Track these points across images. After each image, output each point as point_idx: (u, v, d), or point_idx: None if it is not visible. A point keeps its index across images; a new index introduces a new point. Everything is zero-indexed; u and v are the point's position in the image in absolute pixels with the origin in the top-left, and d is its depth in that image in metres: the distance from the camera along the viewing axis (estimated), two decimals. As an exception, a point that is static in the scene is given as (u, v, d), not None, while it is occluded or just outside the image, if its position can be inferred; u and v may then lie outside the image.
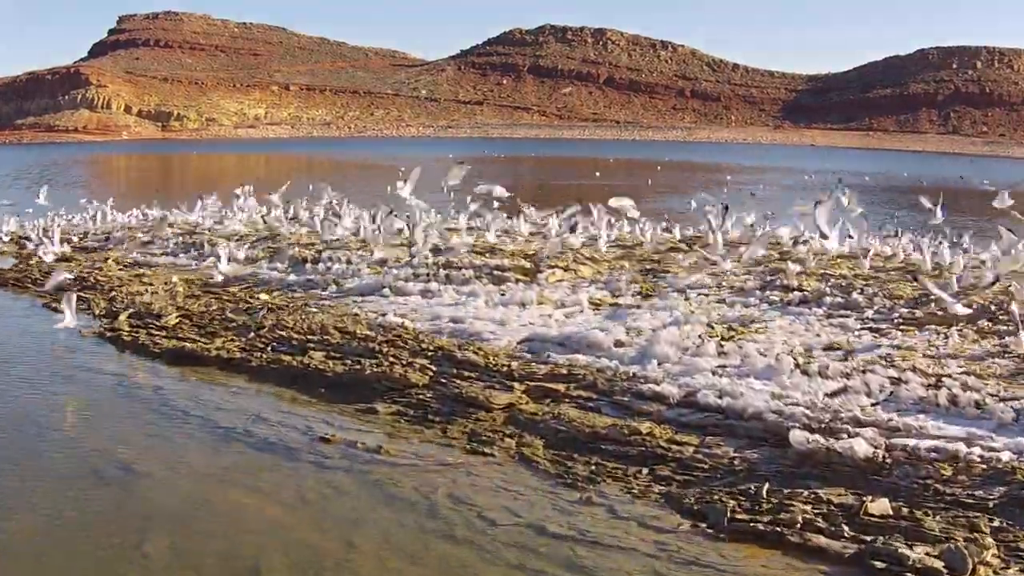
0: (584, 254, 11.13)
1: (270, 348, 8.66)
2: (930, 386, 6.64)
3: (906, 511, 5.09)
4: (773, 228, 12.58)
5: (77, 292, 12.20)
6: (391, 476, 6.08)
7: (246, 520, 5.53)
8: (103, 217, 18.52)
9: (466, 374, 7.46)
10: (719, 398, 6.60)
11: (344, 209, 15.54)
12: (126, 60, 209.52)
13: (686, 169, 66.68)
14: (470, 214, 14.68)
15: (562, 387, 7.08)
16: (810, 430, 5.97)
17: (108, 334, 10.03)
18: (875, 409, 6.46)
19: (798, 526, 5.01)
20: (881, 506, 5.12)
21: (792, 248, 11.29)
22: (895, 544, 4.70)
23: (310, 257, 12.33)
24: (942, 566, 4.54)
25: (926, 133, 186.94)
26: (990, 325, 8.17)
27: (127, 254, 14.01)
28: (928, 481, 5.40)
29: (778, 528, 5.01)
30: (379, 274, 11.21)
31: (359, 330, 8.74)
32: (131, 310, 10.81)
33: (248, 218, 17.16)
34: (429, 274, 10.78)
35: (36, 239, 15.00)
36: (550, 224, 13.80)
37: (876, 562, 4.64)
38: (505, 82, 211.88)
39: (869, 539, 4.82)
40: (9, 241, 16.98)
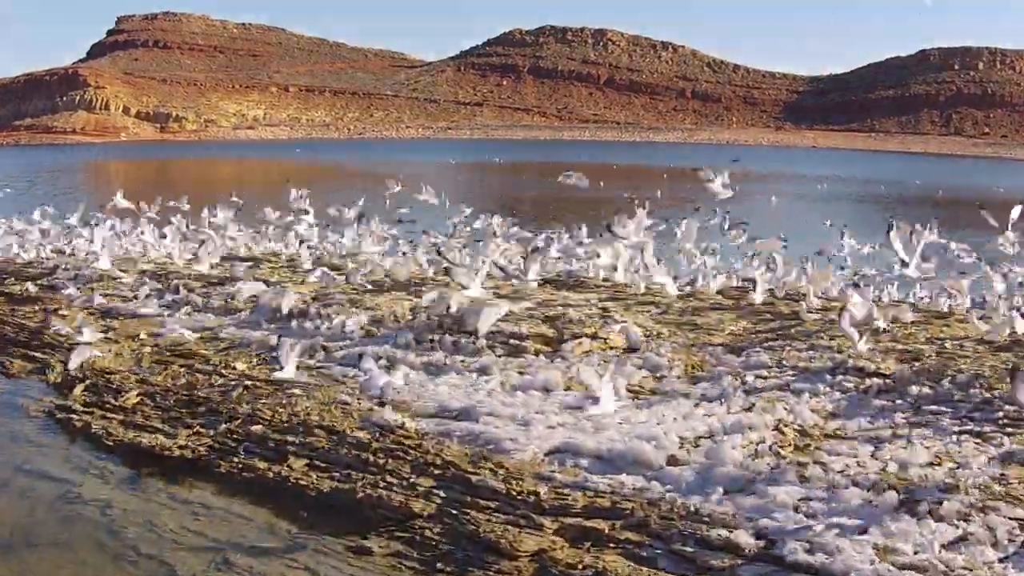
0: (616, 314, 9.63)
1: (242, 449, 7.18)
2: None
3: None
4: (856, 283, 10.82)
5: (34, 349, 10.87)
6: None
7: None
8: (78, 245, 17.02)
9: (482, 503, 5.98)
10: (808, 553, 5.14)
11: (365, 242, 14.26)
12: (124, 61, 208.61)
13: (693, 176, 65.18)
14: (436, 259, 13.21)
15: (605, 526, 5.61)
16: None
17: (58, 415, 8.56)
18: (1004, 568, 5.02)
19: None
20: None
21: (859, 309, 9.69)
22: None
23: (296, 311, 10.85)
24: None
25: (928, 134, 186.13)
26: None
27: (93, 300, 12.54)
28: None
29: None
30: (373, 334, 9.75)
31: (349, 428, 7.25)
32: (88, 381, 9.34)
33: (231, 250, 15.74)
34: (434, 339, 9.30)
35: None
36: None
37: None
38: (505, 83, 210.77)
39: None
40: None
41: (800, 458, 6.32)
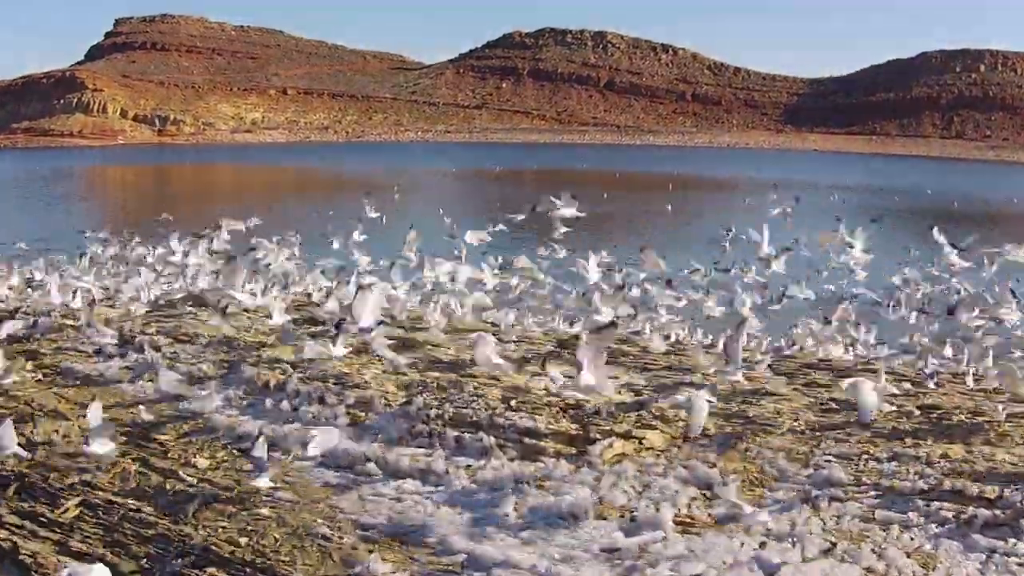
0: (649, 398, 8.11)
1: (191, 606, 5.68)
2: None
3: None
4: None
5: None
6: None
7: None
8: (43, 289, 15.44)
9: None
10: None
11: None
12: (122, 64, 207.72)
13: (700, 186, 63.47)
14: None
15: None
16: None
17: (-18, 531, 7.05)
18: None
19: None
20: None
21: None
22: None
23: (274, 383, 9.35)
24: None
25: (929, 137, 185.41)
26: None
27: (46, 356, 11.03)
28: None
29: None
30: (360, 421, 8.26)
31: (327, 579, 5.74)
32: (25, 479, 7.83)
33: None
34: (432, 431, 7.81)
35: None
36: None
37: None
38: (504, 85, 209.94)
39: None
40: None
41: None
